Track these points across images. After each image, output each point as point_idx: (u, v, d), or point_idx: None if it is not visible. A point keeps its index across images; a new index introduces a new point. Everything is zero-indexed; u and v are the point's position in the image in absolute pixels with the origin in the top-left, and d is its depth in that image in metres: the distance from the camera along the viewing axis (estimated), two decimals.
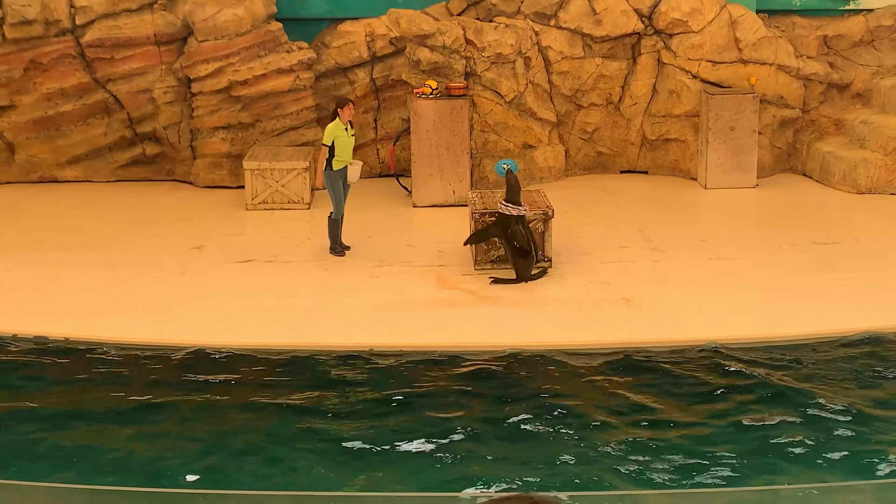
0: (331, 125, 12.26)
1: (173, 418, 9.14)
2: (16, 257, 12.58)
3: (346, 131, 12.28)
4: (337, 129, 12.22)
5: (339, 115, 12.26)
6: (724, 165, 15.08)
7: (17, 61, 15.39)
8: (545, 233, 11.96)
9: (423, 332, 10.48)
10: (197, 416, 9.16)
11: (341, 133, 12.23)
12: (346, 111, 12.28)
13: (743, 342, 10.31)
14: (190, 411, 9.23)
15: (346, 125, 12.29)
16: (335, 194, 12.32)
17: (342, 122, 12.26)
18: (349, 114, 12.32)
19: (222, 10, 15.09)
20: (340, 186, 12.32)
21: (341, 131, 12.23)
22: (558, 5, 15.62)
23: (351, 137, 12.36)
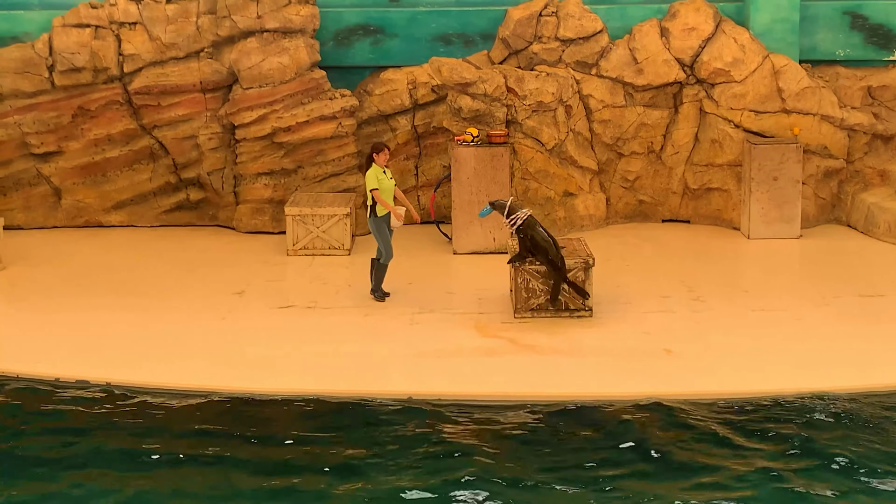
0: (370, 171, 12.34)
1: (214, 464, 9.13)
2: (60, 301, 12.73)
3: (385, 175, 12.36)
4: (377, 174, 12.29)
5: (375, 160, 12.35)
6: (768, 216, 14.97)
7: (65, 108, 15.68)
8: (585, 281, 11.91)
9: (462, 381, 10.43)
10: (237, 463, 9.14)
11: (382, 177, 12.31)
12: (382, 156, 12.37)
13: (785, 395, 10.15)
14: (229, 456, 9.22)
15: (383, 169, 12.36)
16: (383, 239, 12.36)
17: (378, 166, 12.34)
18: (384, 158, 12.40)
19: (267, 58, 15.29)
20: (387, 231, 12.37)
21: (381, 175, 12.32)
22: (599, 54, 15.67)
23: (391, 181, 12.43)
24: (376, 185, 12.25)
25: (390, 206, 12.30)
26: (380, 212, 12.33)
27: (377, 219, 12.35)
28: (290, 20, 15.42)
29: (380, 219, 12.35)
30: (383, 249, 12.40)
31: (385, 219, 12.36)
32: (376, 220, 12.36)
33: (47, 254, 14.70)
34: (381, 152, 12.38)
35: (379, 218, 12.35)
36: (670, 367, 10.67)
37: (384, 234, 12.37)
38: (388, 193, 12.38)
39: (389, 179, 12.43)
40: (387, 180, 12.36)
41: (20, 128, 15.72)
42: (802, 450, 9.21)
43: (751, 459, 9.11)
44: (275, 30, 15.42)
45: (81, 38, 15.54)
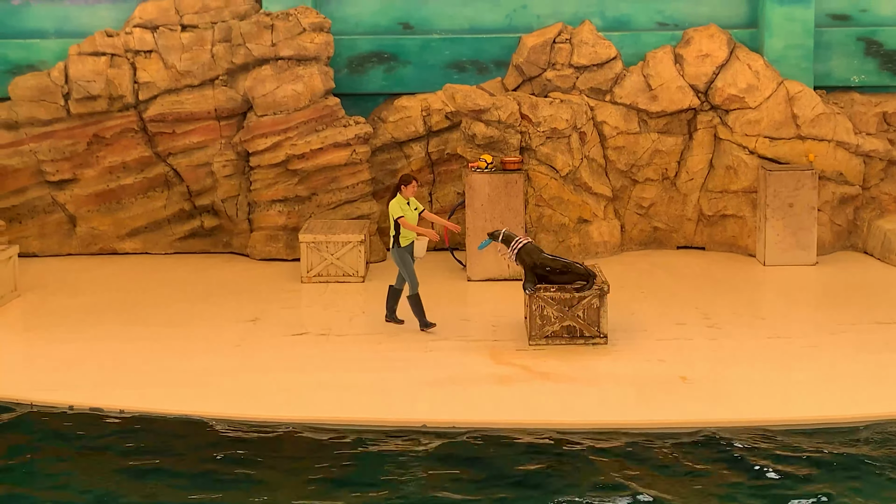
0: (395, 201, 12.28)
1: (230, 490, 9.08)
2: (74, 329, 12.73)
3: (408, 206, 12.30)
4: (402, 204, 12.24)
5: (402, 191, 12.29)
6: (783, 242, 14.90)
7: (80, 136, 15.76)
8: (601, 308, 11.85)
9: (477, 408, 10.37)
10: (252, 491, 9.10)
11: (406, 208, 12.25)
12: (409, 189, 12.30)
13: (801, 423, 10.06)
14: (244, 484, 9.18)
15: (407, 200, 12.31)
16: (407, 269, 12.30)
17: (404, 197, 12.29)
18: (412, 191, 12.32)
19: (282, 85, 15.34)
20: (410, 261, 12.31)
21: (405, 206, 12.25)
22: (613, 81, 15.68)
23: (414, 212, 12.35)
24: (402, 214, 12.19)
25: (420, 230, 12.22)
26: (403, 242, 12.25)
27: (400, 249, 12.28)
28: (305, 48, 15.48)
29: (403, 249, 12.28)
30: (408, 280, 12.31)
31: (409, 249, 12.29)
32: (399, 250, 12.29)
33: (62, 281, 14.73)
34: (409, 184, 12.30)
35: (402, 248, 12.28)
36: (686, 395, 10.59)
37: (408, 264, 12.30)
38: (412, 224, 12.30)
39: (414, 210, 12.35)
40: (410, 211, 12.28)
41: (36, 155, 15.80)
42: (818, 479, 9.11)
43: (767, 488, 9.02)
44: (289, 57, 15.48)
45: (97, 66, 15.64)
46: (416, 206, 12.40)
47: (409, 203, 12.35)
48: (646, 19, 16.29)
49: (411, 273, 12.32)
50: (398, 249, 12.29)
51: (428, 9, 16.31)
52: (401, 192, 12.31)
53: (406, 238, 12.26)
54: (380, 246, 15.69)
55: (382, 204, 15.93)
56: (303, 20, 15.53)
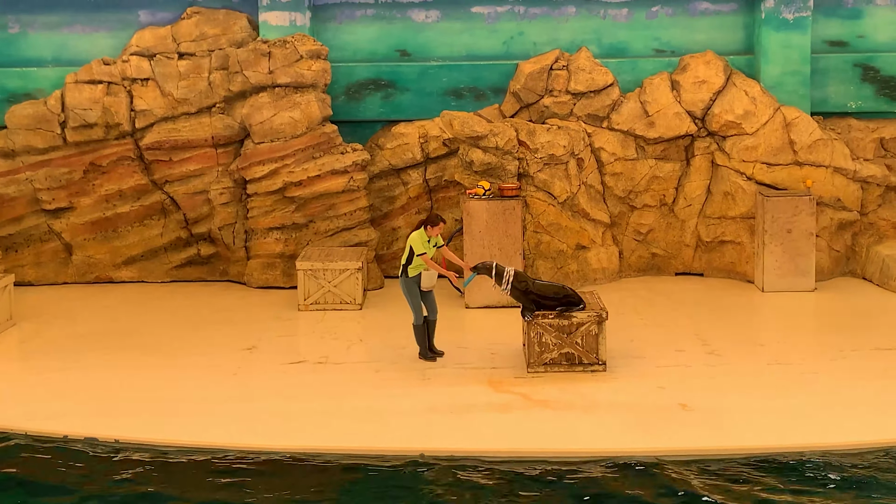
0: (416, 234, 12.08)
1: None
2: (69, 358, 12.65)
3: (429, 243, 12.16)
4: (424, 240, 12.08)
5: (427, 230, 12.10)
6: (782, 268, 14.86)
7: (77, 164, 15.74)
8: (599, 335, 11.79)
9: (475, 437, 10.28)
10: None
11: (426, 244, 12.09)
12: (435, 230, 12.10)
13: (802, 450, 9.98)
14: None
15: (429, 238, 12.17)
16: (413, 300, 12.19)
17: (426, 235, 12.14)
18: (436, 232, 12.15)
19: (279, 112, 15.34)
20: (417, 293, 12.20)
21: (425, 242, 12.11)
22: (611, 107, 15.69)
23: (434, 249, 12.21)
24: (425, 251, 12.04)
25: (440, 269, 12.03)
26: (411, 272, 12.12)
27: (408, 279, 12.16)
28: (302, 75, 15.49)
29: (410, 279, 12.16)
30: (413, 310, 12.21)
31: (416, 280, 12.16)
32: (407, 280, 12.17)
33: (58, 310, 14.66)
34: (436, 226, 12.08)
35: (410, 278, 12.15)
36: (686, 422, 10.51)
37: (414, 294, 12.17)
38: None
39: (433, 248, 12.20)
40: (430, 248, 12.15)
41: (32, 184, 15.77)
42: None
43: None
44: (286, 85, 15.49)
45: (94, 94, 15.63)
46: (435, 242, 12.25)
47: (430, 240, 12.21)
48: (642, 46, 16.32)
49: (416, 304, 12.21)
50: (406, 279, 12.17)
51: (425, 36, 16.34)
52: (426, 230, 12.14)
53: (415, 269, 12.12)
54: (377, 273, 15.64)
55: (380, 231, 15.89)
56: (300, 48, 15.55)
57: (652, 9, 16.29)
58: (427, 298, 12.26)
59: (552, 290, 11.90)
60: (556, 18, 16.29)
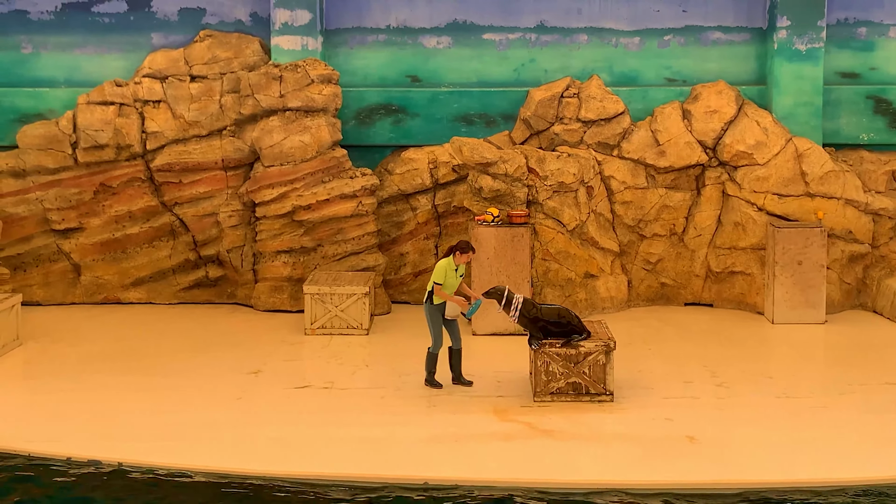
0: (444, 262, 12.01)
1: None
2: (75, 379, 12.62)
3: (455, 272, 12.12)
4: (448, 268, 12.04)
5: (456, 256, 12.07)
6: (792, 300, 14.76)
7: (87, 184, 15.77)
8: (606, 365, 11.71)
9: (480, 466, 10.19)
10: None
11: (450, 273, 12.04)
12: (464, 257, 12.05)
13: (810, 485, 9.86)
14: None
15: (455, 266, 12.13)
16: (433, 328, 12.11)
17: (454, 262, 12.09)
18: (465, 259, 12.09)
19: (289, 136, 15.35)
20: (440, 321, 12.13)
21: (451, 271, 12.07)
22: (621, 136, 15.66)
23: (459, 279, 12.14)
24: (442, 281, 11.96)
25: (454, 299, 11.96)
26: (436, 300, 12.06)
27: (432, 307, 12.08)
28: (313, 99, 15.51)
29: (434, 307, 12.08)
30: (432, 337, 12.14)
31: (440, 308, 12.11)
32: (431, 307, 12.09)
33: (64, 330, 14.64)
34: (465, 253, 12.05)
35: (434, 306, 12.08)
36: (693, 455, 10.40)
37: (436, 322, 12.09)
38: (450, 289, 12.07)
39: (458, 278, 12.13)
40: (454, 277, 12.08)
41: (42, 204, 15.79)
42: None
43: None
44: (297, 108, 15.51)
45: (105, 115, 15.68)
46: (461, 272, 12.19)
47: (458, 269, 12.16)
48: (654, 75, 16.31)
49: (437, 333, 12.13)
50: (430, 306, 12.10)
51: (436, 62, 16.36)
52: (455, 257, 12.11)
53: (438, 297, 12.10)
54: (385, 298, 15.59)
55: (388, 256, 15.86)
56: (311, 72, 15.57)
57: (664, 38, 16.29)
58: (451, 327, 12.18)
59: (555, 313, 11.81)
60: (568, 46, 16.30)
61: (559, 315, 11.79)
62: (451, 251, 12.13)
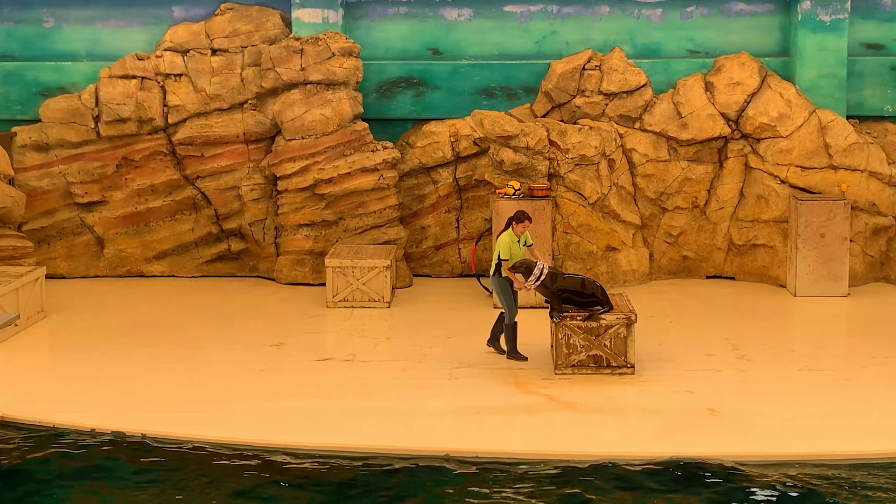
0: (505, 236, 12.01)
1: None
2: (99, 351, 12.72)
3: (517, 242, 12.08)
4: (511, 241, 12.01)
5: (514, 227, 12.06)
6: (815, 273, 14.70)
7: (110, 158, 15.83)
8: (628, 338, 11.70)
9: (500, 438, 10.23)
10: None
11: (514, 246, 12.02)
12: (521, 227, 12.03)
13: (832, 457, 9.85)
14: None
15: (518, 237, 12.10)
16: (506, 300, 12.11)
17: (515, 234, 12.07)
18: (522, 228, 12.06)
19: (310, 110, 15.35)
20: (510, 292, 12.12)
21: (514, 242, 12.05)
22: (643, 108, 15.58)
23: (523, 248, 12.12)
24: (508, 257, 11.94)
25: (515, 278, 11.94)
26: (504, 272, 12.05)
27: (500, 279, 12.09)
28: (334, 73, 15.49)
29: (504, 279, 12.08)
30: (506, 310, 12.15)
31: (507, 280, 12.09)
32: (499, 280, 12.09)
33: (88, 303, 14.75)
34: (521, 222, 12.01)
35: (503, 278, 12.08)
36: (715, 428, 10.40)
37: (508, 294, 12.10)
38: (516, 259, 12.02)
39: (522, 247, 12.10)
40: (518, 248, 12.05)
41: (65, 177, 15.87)
42: None
43: None
44: (318, 82, 15.49)
45: (127, 89, 15.71)
46: (525, 241, 12.15)
47: (520, 240, 12.15)
48: (676, 47, 16.20)
49: (510, 303, 12.12)
50: (498, 279, 12.10)
51: (457, 35, 16.30)
52: (513, 228, 12.09)
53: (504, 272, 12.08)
54: (406, 272, 15.62)
55: (409, 229, 15.88)
56: (332, 45, 15.55)
57: (686, 9, 16.16)
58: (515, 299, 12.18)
59: (578, 283, 11.79)
60: (590, 18, 16.19)
61: (582, 285, 11.78)
62: (509, 223, 12.12)
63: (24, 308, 13.42)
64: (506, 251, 11.96)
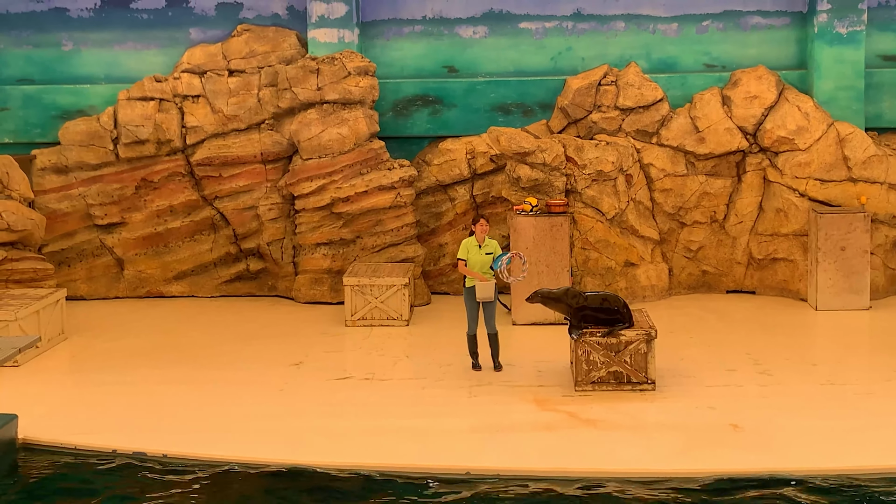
0: (465, 240, 12.29)
1: None
2: (120, 372, 12.75)
3: (478, 248, 12.20)
4: (469, 245, 12.19)
5: (474, 231, 12.26)
6: (836, 286, 14.61)
7: (129, 180, 15.91)
8: (648, 354, 11.65)
9: (521, 456, 10.18)
10: None
11: (472, 249, 12.16)
12: (479, 228, 12.22)
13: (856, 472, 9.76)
14: None
15: (479, 243, 12.22)
16: (467, 311, 12.30)
17: (477, 238, 12.21)
18: (481, 231, 12.20)
19: (327, 129, 15.39)
20: (472, 304, 12.21)
21: (474, 247, 12.17)
22: (660, 123, 15.56)
23: (485, 256, 12.22)
24: (464, 257, 12.17)
25: (474, 274, 12.13)
26: (467, 283, 12.24)
27: (464, 289, 12.31)
28: (350, 92, 15.54)
29: (466, 290, 12.27)
30: (467, 320, 12.34)
31: (470, 291, 12.21)
32: (465, 290, 12.30)
33: (109, 324, 14.80)
34: (476, 223, 12.25)
35: (466, 289, 12.28)
36: (737, 444, 10.33)
37: (468, 305, 12.27)
38: (476, 267, 12.17)
39: (483, 255, 12.19)
40: (478, 254, 12.16)
41: (84, 199, 15.96)
42: None
43: None
44: (334, 101, 15.55)
45: (146, 110, 15.80)
46: (489, 251, 12.24)
47: (482, 246, 12.21)
48: (692, 61, 16.18)
49: (469, 315, 12.30)
50: (465, 290, 12.31)
51: (473, 52, 16.33)
52: (474, 234, 12.27)
53: (470, 279, 12.20)
54: (424, 289, 15.62)
55: (427, 247, 15.88)
56: (348, 64, 15.60)
57: (702, 23, 16.15)
58: (486, 310, 12.24)
59: (599, 299, 11.77)
60: (605, 34, 16.20)
61: (604, 301, 11.75)
62: (471, 231, 12.28)
63: (45, 330, 13.48)
64: (463, 253, 12.18)
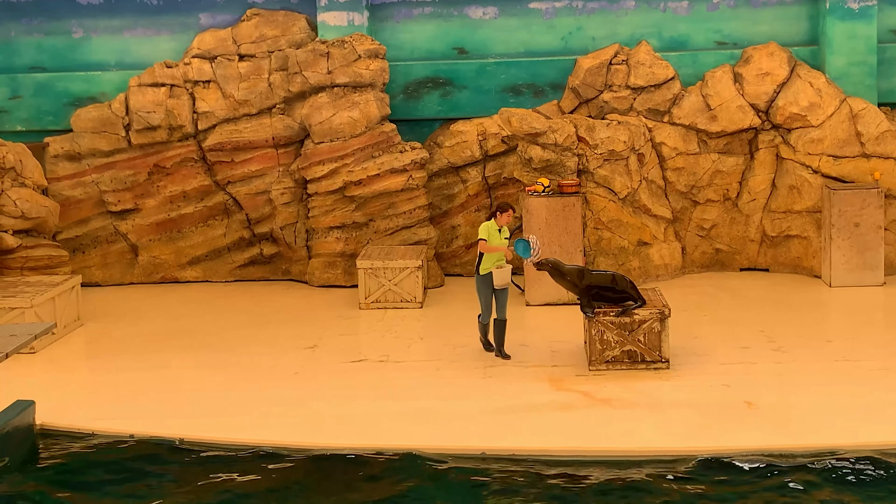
0: (485, 223, 12.10)
1: None
2: (136, 357, 12.83)
3: (498, 233, 12.13)
4: (491, 228, 12.06)
5: (497, 217, 12.11)
6: (850, 263, 14.58)
7: (141, 166, 15.95)
8: (662, 332, 11.66)
9: (537, 435, 10.22)
10: None
11: (494, 233, 12.07)
12: (504, 217, 12.09)
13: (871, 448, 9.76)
14: None
15: (500, 228, 12.14)
16: (482, 299, 12.14)
17: (497, 224, 12.11)
18: (505, 220, 12.12)
19: (338, 112, 15.40)
20: (487, 292, 12.10)
21: (494, 231, 12.09)
22: (672, 101, 15.51)
23: (503, 241, 12.13)
24: (486, 237, 12.01)
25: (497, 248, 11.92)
26: (482, 270, 12.08)
27: (479, 277, 12.12)
28: (360, 75, 15.53)
29: (481, 277, 12.10)
30: (482, 308, 12.21)
31: (486, 278, 12.12)
32: (478, 277, 12.12)
33: (124, 310, 14.87)
34: (504, 212, 12.07)
35: (481, 276, 12.10)
36: (753, 421, 10.34)
37: (484, 294, 12.11)
38: (493, 255, 12.04)
39: (503, 239, 12.11)
40: (499, 238, 12.05)
41: (98, 186, 16.01)
42: None
43: None
44: (345, 84, 15.54)
45: (157, 97, 15.83)
46: (507, 236, 12.17)
47: (501, 231, 12.14)
48: (703, 39, 16.12)
49: (485, 303, 12.16)
50: (477, 277, 12.15)
51: (483, 33, 16.29)
52: (495, 218, 12.13)
53: (485, 267, 12.07)
54: (437, 271, 15.64)
55: (440, 229, 15.89)
56: (358, 47, 15.59)
57: (713, 1, 16.07)
58: (499, 297, 12.19)
59: (608, 279, 11.77)
60: (615, 12, 16.14)
61: (613, 280, 11.75)
62: (492, 214, 12.16)
63: (60, 317, 13.55)
64: (484, 234, 11.98)
